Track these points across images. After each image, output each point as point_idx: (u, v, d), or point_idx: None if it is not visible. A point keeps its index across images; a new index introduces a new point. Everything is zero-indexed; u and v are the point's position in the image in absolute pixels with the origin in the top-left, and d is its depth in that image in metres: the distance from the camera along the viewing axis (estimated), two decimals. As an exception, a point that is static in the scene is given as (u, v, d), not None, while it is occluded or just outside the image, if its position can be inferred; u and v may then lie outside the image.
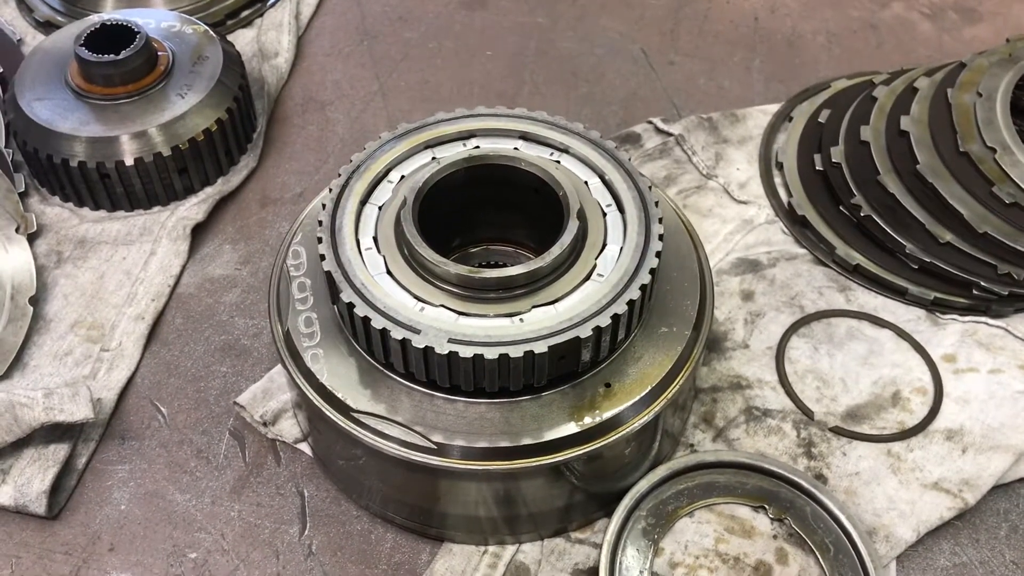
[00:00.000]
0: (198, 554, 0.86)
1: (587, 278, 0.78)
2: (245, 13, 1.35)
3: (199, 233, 1.11)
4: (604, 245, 0.80)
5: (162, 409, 0.96)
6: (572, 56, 1.35)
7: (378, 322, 0.74)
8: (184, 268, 1.07)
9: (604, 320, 0.74)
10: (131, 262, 1.06)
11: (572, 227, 0.79)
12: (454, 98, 1.28)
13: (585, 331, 0.74)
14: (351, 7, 1.42)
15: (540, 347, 0.73)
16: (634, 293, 0.76)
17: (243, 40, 1.32)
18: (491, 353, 0.72)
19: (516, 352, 0.72)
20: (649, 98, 1.28)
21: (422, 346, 0.73)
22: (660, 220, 0.80)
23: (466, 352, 0.72)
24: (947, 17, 1.42)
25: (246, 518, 0.88)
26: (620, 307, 0.75)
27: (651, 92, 1.29)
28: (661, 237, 0.79)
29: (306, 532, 0.87)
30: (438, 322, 0.75)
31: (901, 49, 1.37)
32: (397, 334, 0.73)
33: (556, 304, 0.77)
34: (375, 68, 1.33)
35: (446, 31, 1.38)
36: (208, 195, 1.13)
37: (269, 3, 1.37)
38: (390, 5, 1.43)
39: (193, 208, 1.11)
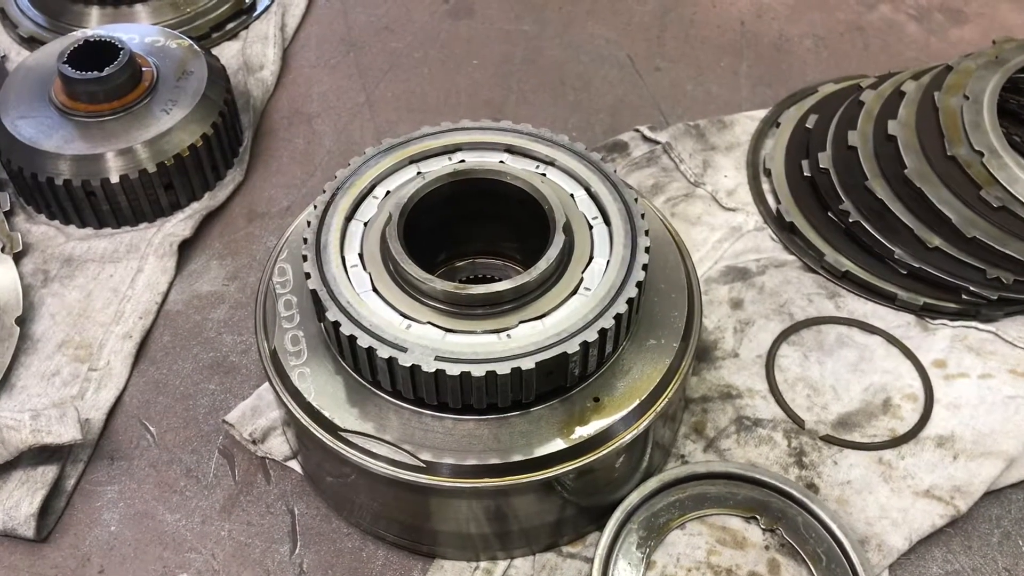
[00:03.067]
0: (189, 574, 0.86)
1: (574, 292, 0.78)
2: (230, 26, 1.35)
3: (186, 249, 1.10)
4: (591, 258, 0.80)
5: (151, 428, 0.95)
6: (559, 64, 1.35)
7: (364, 341, 0.73)
8: (171, 285, 1.07)
9: (591, 335, 0.74)
10: (118, 280, 1.06)
11: (558, 241, 0.79)
12: (441, 108, 1.28)
13: (572, 346, 0.73)
14: (337, 18, 1.42)
15: (527, 363, 0.72)
16: (621, 307, 0.75)
17: (228, 53, 1.31)
18: (478, 370, 0.72)
19: (503, 369, 0.72)
20: (636, 105, 1.28)
21: (409, 364, 0.72)
22: (646, 232, 0.80)
23: (453, 370, 0.72)
24: (934, 19, 1.42)
25: (236, 537, 0.88)
26: (607, 321, 0.75)
27: (638, 99, 1.29)
28: (648, 250, 0.79)
29: (297, 550, 0.87)
30: (425, 339, 0.74)
31: (888, 51, 1.37)
32: (384, 352, 0.73)
33: (543, 319, 0.76)
34: (361, 79, 1.32)
35: (432, 40, 1.38)
36: (195, 211, 1.13)
37: (254, 15, 1.37)
38: (376, 15, 1.42)
39: (180, 224, 1.11)
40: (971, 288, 1.00)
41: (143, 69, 1.12)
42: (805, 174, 1.13)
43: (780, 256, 1.08)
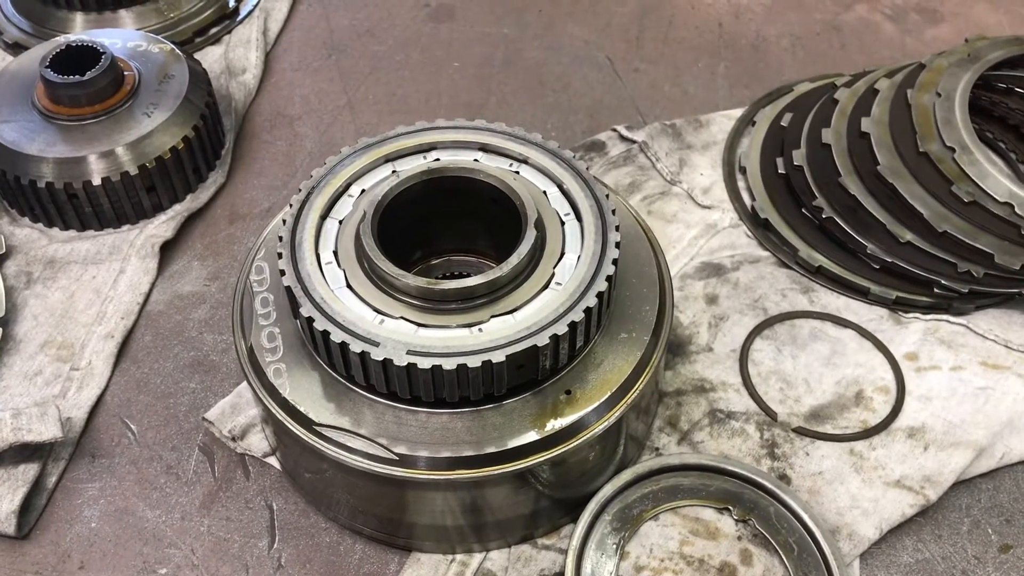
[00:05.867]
0: (168, 570, 0.86)
1: (545, 287, 0.79)
2: (213, 31, 1.36)
3: (168, 250, 1.11)
4: (562, 254, 0.81)
5: (132, 426, 0.96)
6: (539, 65, 1.36)
7: (337, 336, 0.74)
8: (153, 285, 1.08)
9: (561, 328, 0.75)
10: (100, 281, 1.07)
11: (530, 237, 0.80)
12: (422, 110, 1.29)
13: (543, 339, 0.74)
14: (319, 22, 1.43)
15: (498, 356, 0.74)
16: (591, 301, 0.77)
17: (211, 57, 1.33)
18: (449, 363, 0.73)
19: (474, 362, 0.73)
20: (615, 105, 1.29)
21: (381, 358, 0.73)
22: (617, 228, 0.81)
23: (424, 363, 0.73)
24: (909, 18, 1.44)
25: (216, 533, 0.89)
26: (577, 315, 0.76)
27: (616, 100, 1.30)
28: (618, 245, 0.80)
29: (275, 545, 0.88)
30: (397, 334, 0.75)
31: (864, 51, 1.38)
32: (356, 347, 0.74)
33: (515, 313, 0.78)
34: (343, 82, 1.34)
35: (413, 43, 1.40)
36: (177, 212, 1.14)
37: (237, 20, 1.38)
38: (358, 19, 1.44)
39: (162, 226, 1.12)
40: (943, 282, 1.02)
41: (125, 73, 1.13)
42: (780, 171, 1.14)
43: (755, 252, 1.09)
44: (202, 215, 1.16)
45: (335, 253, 0.81)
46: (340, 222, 0.84)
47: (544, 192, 0.86)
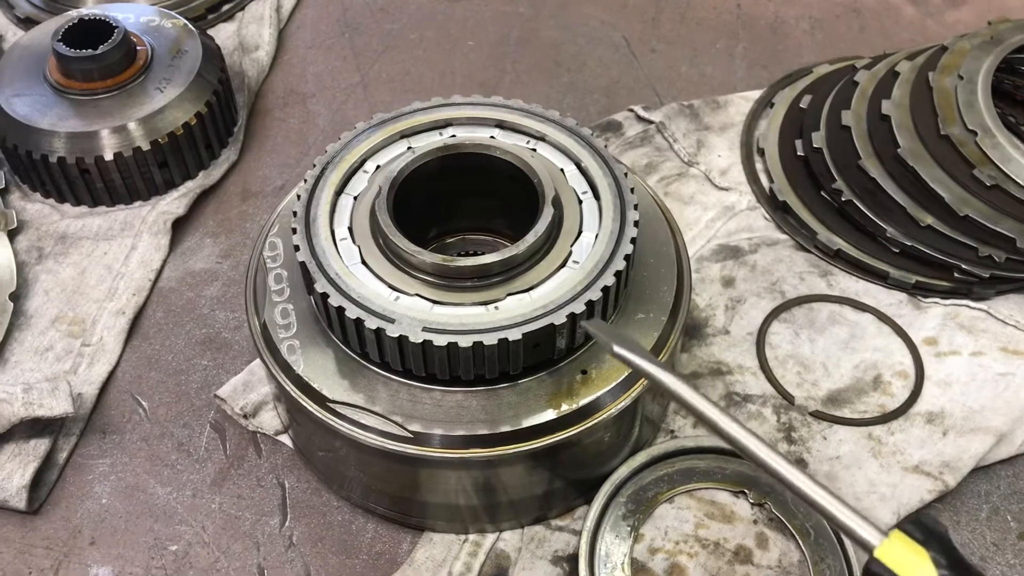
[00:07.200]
0: (179, 546, 0.86)
1: (562, 265, 0.78)
2: (226, 7, 1.35)
3: (180, 227, 1.11)
4: (580, 232, 0.80)
5: (143, 403, 0.96)
6: (554, 45, 1.35)
7: (352, 312, 0.74)
8: (165, 262, 1.07)
9: (578, 307, 0.74)
10: (112, 257, 1.06)
11: (547, 214, 0.79)
12: (436, 88, 1.28)
13: (559, 318, 0.74)
14: (333, -1, 1.42)
15: (514, 334, 0.73)
16: (608, 279, 0.76)
17: (224, 34, 1.31)
18: (465, 341, 0.72)
19: (490, 340, 0.72)
20: (631, 86, 1.28)
21: (396, 335, 0.72)
22: (635, 207, 0.80)
23: (440, 340, 0.72)
24: (930, 1, 1.42)
25: (227, 510, 0.88)
26: (594, 294, 0.75)
27: (633, 80, 1.29)
28: (636, 224, 0.79)
29: (287, 523, 0.87)
30: (413, 311, 0.75)
31: (884, 33, 1.36)
32: (371, 323, 0.73)
33: (531, 291, 0.77)
34: (356, 60, 1.32)
35: (428, 22, 1.38)
36: (189, 189, 1.13)
37: (250, -4, 1.37)
38: (372, -4, 1.43)
39: (174, 202, 1.11)
40: (963, 266, 1.00)
41: (137, 48, 1.12)
42: (798, 154, 1.13)
43: (772, 235, 1.08)
44: (214, 192, 1.15)
45: (350, 229, 0.81)
46: (355, 198, 0.83)
47: (562, 170, 0.85)
